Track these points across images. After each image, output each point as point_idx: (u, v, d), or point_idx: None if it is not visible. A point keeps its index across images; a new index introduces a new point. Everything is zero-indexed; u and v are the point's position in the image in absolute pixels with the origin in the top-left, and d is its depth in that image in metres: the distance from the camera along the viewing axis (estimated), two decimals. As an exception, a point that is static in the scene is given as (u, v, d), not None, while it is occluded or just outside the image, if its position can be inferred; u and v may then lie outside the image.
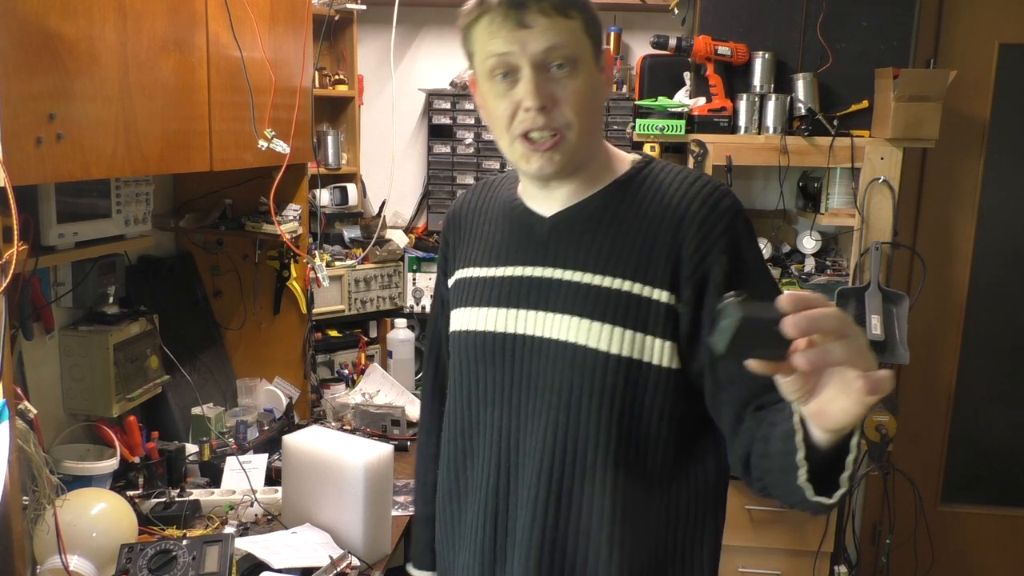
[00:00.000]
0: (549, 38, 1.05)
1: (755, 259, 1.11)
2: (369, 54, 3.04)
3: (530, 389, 1.13)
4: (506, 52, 1.06)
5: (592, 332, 1.08)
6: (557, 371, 1.11)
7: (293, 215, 2.30)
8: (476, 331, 1.19)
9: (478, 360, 1.18)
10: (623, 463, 1.09)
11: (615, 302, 1.08)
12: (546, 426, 1.11)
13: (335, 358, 2.78)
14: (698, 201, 1.10)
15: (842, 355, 0.73)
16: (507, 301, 1.16)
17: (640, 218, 1.11)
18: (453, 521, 1.25)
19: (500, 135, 1.12)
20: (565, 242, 1.14)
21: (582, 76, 1.08)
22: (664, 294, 1.08)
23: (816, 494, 0.90)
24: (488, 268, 1.20)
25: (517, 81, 1.07)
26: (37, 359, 1.78)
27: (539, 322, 1.13)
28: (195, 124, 1.72)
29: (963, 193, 2.92)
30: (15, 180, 1.17)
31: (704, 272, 1.07)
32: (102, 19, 1.39)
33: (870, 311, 2.51)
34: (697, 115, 2.60)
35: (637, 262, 1.09)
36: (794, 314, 0.72)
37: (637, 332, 1.08)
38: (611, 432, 1.09)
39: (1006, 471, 3.05)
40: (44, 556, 1.46)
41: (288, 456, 1.79)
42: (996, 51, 2.81)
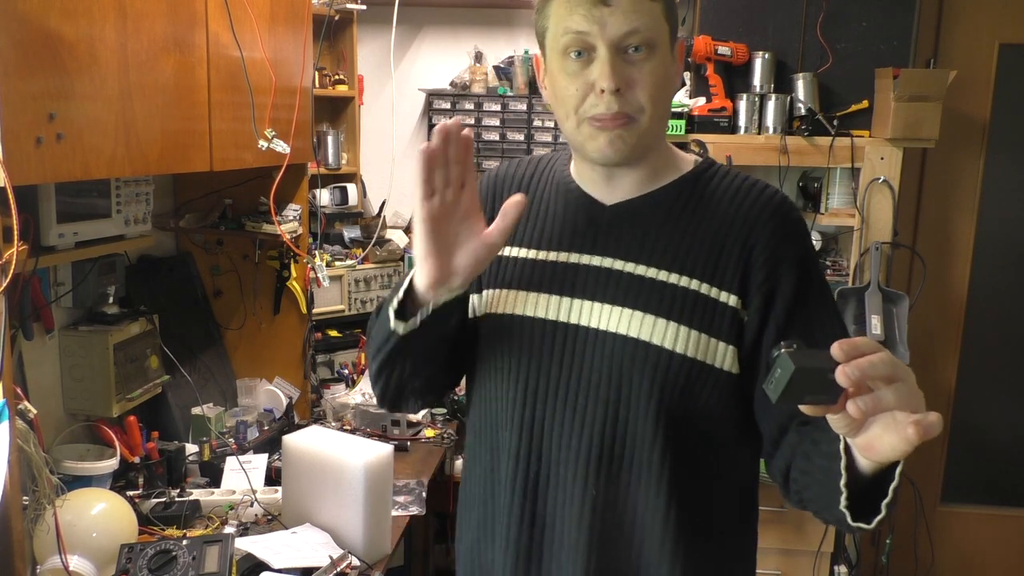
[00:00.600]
0: (630, 20, 1.00)
1: (820, 276, 1.10)
2: (369, 54, 3.04)
3: (580, 382, 1.07)
4: (584, 31, 1.01)
5: (657, 328, 1.04)
6: (614, 365, 1.06)
7: (293, 215, 2.30)
8: (522, 315, 1.11)
9: (521, 347, 1.11)
10: (678, 462, 1.06)
11: (682, 300, 1.05)
12: (599, 421, 1.06)
13: (335, 358, 2.78)
14: (769, 210, 1.07)
15: (894, 401, 0.74)
16: (560, 288, 1.10)
17: (709, 218, 1.08)
18: (481, 518, 1.18)
19: (566, 116, 1.06)
20: (628, 233, 1.09)
21: (659, 60, 1.03)
22: (733, 298, 1.05)
23: (855, 519, 0.89)
24: (537, 250, 1.13)
25: (592, 61, 1.01)
26: (37, 359, 1.78)
27: (595, 313, 1.07)
28: (195, 124, 1.72)
29: (963, 193, 2.92)
30: (15, 180, 1.17)
31: (774, 283, 1.05)
32: (102, 19, 1.39)
33: (870, 311, 2.51)
34: (697, 115, 2.60)
35: (706, 262, 1.05)
36: (846, 363, 0.73)
37: (703, 333, 1.04)
38: (667, 431, 1.05)
39: (1006, 471, 3.05)
40: (44, 556, 1.47)
41: (288, 456, 1.79)
42: (996, 51, 2.81)
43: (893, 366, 0.74)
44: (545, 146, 3.03)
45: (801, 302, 1.05)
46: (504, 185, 1.21)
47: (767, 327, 1.05)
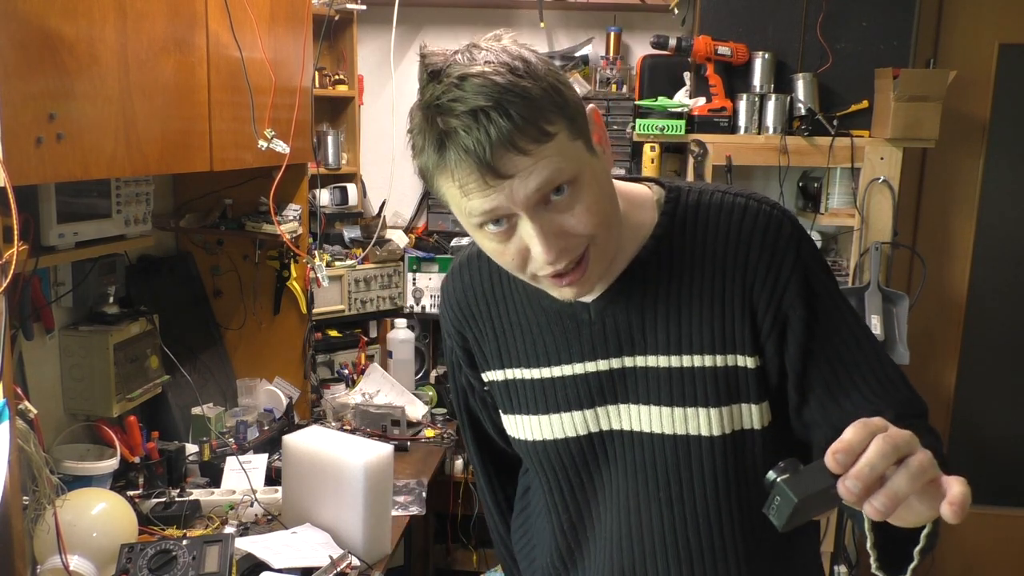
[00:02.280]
0: (539, 178, 0.83)
1: (828, 289, 0.99)
2: (369, 54, 3.04)
3: (640, 485, 1.03)
4: (492, 208, 0.85)
5: (689, 420, 0.98)
6: (661, 466, 1.01)
7: (293, 215, 2.30)
8: (552, 440, 1.05)
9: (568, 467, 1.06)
10: (750, 533, 1.02)
11: (702, 383, 0.98)
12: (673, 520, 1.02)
13: (335, 358, 2.78)
14: (757, 238, 0.96)
15: (907, 488, 0.69)
16: (578, 404, 1.03)
17: (698, 275, 0.98)
18: None
19: (515, 274, 0.94)
20: (625, 326, 1.00)
21: (588, 187, 0.88)
22: (751, 360, 0.98)
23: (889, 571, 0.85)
24: (538, 368, 1.06)
25: (515, 224, 0.87)
26: (37, 359, 1.78)
27: (625, 416, 1.02)
28: (195, 124, 1.72)
29: (963, 193, 2.92)
30: (15, 180, 1.17)
31: (782, 322, 0.97)
32: (102, 19, 1.39)
33: (870, 311, 2.51)
34: (697, 115, 2.60)
35: (712, 331, 0.98)
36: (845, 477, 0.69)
37: (732, 405, 0.98)
38: (732, 508, 1.01)
39: (1006, 471, 3.05)
40: (44, 556, 1.47)
41: (288, 456, 1.79)
42: (996, 51, 2.81)
43: (895, 451, 0.69)
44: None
45: (813, 331, 0.97)
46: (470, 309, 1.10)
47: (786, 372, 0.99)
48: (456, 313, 1.12)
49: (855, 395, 0.97)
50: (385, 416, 2.44)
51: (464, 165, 0.83)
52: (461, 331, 1.12)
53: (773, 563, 1.06)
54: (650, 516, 1.03)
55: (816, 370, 0.98)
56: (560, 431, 1.04)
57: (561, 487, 1.08)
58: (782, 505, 0.73)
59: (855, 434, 0.70)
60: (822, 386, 0.98)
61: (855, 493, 0.68)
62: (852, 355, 0.99)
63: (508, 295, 1.08)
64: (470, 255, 1.12)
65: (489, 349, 1.09)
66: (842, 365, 0.98)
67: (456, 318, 1.12)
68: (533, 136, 0.82)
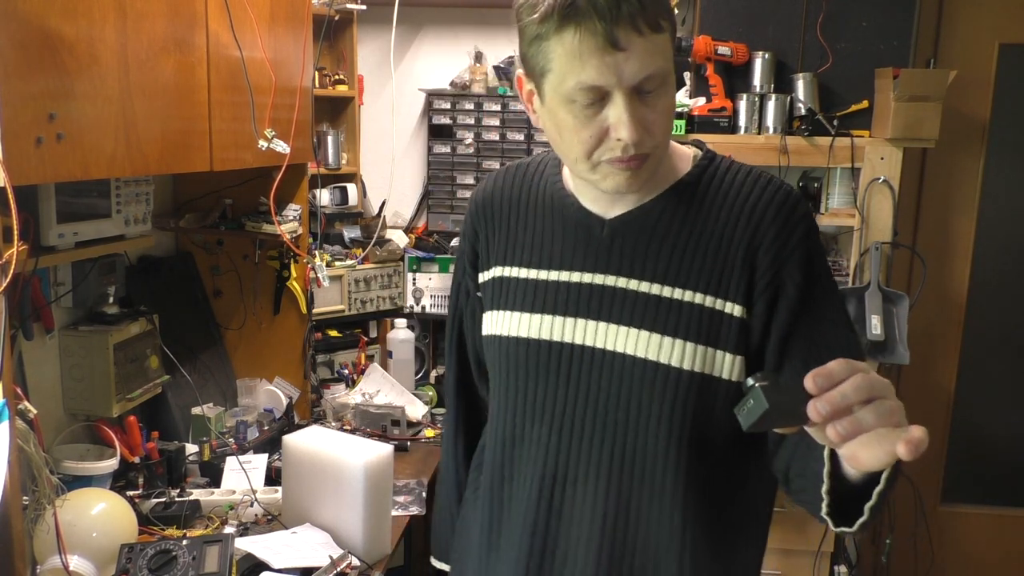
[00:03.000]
0: (645, 62, 0.92)
1: (827, 274, 1.06)
2: (369, 54, 3.04)
3: (588, 405, 1.06)
4: (599, 84, 0.93)
5: (664, 347, 1.02)
6: (626, 387, 1.04)
7: (293, 215, 2.30)
8: (525, 338, 1.10)
9: (528, 369, 1.10)
10: (694, 480, 1.05)
11: (688, 316, 1.02)
12: (611, 444, 1.05)
13: (335, 358, 2.78)
14: (773, 208, 1.03)
15: (872, 421, 0.73)
16: (563, 309, 1.08)
17: (711, 224, 1.04)
18: (491, 531, 1.18)
19: (576, 159, 1.00)
20: (631, 249, 1.05)
21: (670, 92, 0.98)
22: (738, 308, 1.02)
23: (838, 524, 0.90)
24: (537, 270, 1.11)
25: (605, 106, 0.95)
26: (37, 359, 1.78)
27: (601, 333, 1.05)
28: (195, 124, 1.72)
29: (963, 193, 2.92)
30: (15, 180, 1.16)
31: (778, 285, 1.02)
32: (102, 19, 1.39)
33: (870, 311, 2.51)
34: (697, 115, 2.60)
35: (711, 273, 1.03)
36: (817, 397, 0.73)
37: (709, 347, 1.02)
38: (681, 451, 1.04)
39: (1006, 471, 3.05)
40: (44, 556, 1.47)
41: (288, 456, 1.79)
42: (996, 51, 2.81)
43: (869, 388, 0.74)
44: (545, 146, 3.03)
45: (807, 304, 1.02)
46: (491, 207, 1.19)
47: (770, 335, 1.03)
48: (478, 209, 1.20)
49: None
50: (385, 416, 2.44)
51: (589, 28, 0.90)
52: (476, 227, 1.20)
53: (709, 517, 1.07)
54: (594, 432, 1.06)
55: (799, 341, 1.02)
56: (535, 331, 1.09)
57: (513, 391, 1.12)
58: (753, 408, 0.77)
59: (838, 365, 0.75)
60: (800, 359, 1.02)
61: (822, 414, 0.73)
62: (836, 341, 1.03)
63: (532, 202, 1.15)
64: (508, 168, 1.22)
65: (496, 247, 1.16)
66: (825, 346, 1.02)
67: (476, 214, 1.20)
68: (652, 23, 0.91)
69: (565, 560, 1.09)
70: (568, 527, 1.08)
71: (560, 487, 1.08)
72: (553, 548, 1.09)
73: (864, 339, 2.49)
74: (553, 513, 1.09)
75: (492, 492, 1.17)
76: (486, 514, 1.19)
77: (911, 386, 2.99)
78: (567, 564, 1.09)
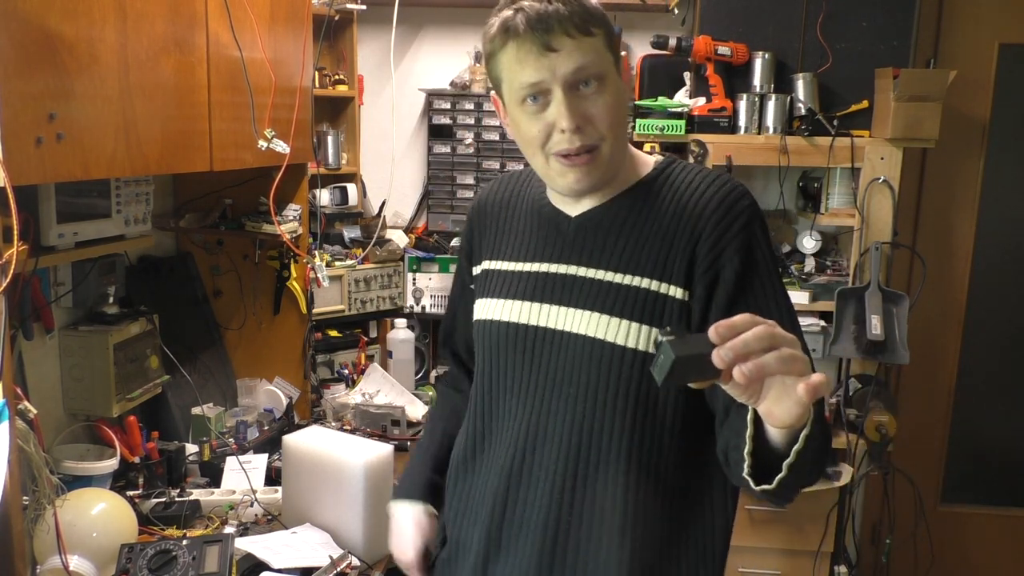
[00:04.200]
0: (576, 59, 1.08)
1: (767, 261, 1.14)
2: (369, 54, 3.04)
3: (552, 380, 1.18)
4: (536, 80, 1.09)
5: (610, 327, 1.13)
6: (577, 364, 1.15)
7: (293, 215, 2.30)
8: (501, 321, 1.23)
9: (501, 349, 1.23)
10: (637, 454, 1.14)
11: (632, 299, 1.13)
12: (569, 416, 1.16)
13: (335, 358, 2.78)
14: (716, 200, 1.13)
15: (775, 365, 0.80)
16: (532, 295, 1.21)
17: (660, 218, 1.15)
18: (462, 494, 1.29)
19: (533, 154, 1.15)
20: (590, 241, 1.19)
21: (610, 90, 1.11)
22: (679, 291, 1.12)
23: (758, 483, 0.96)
24: (515, 262, 1.25)
25: (549, 103, 1.10)
26: (37, 359, 1.78)
27: (561, 316, 1.18)
28: (195, 124, 1.72)
29: (963, 193, 2.92)
30: (15, 180, 1.17)
31: (716, 270, 1.11)
32: (102, 19, 1.39)
33: (870, 311, 2.51)
34: (697, 115, 2.60)
35: (656, 260, 1.13)
36: (720, 346, 0.80)
37: (652, 327, 1.12)
38: (626, 423, 1.14)
39: (1006, 471, 3.05)
40: (44, 556, 1.47)
41: (288, 456, 1.79)
42: (996, 51, 2.81)
43: (770, 338, 0.80)
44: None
45: (744, 288, 1.10)
46: (486, 209, 1.35)
47: (710, 317, 1.10)
48: (475, 211, 1.37)
49: None
50: (385, 416, 2.44)
51: (525, 39, 1.08)
52: (472, 225, 1.36)
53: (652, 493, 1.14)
54: (555, 408, 1.17)
55: None
56: (508, 314, 1.23)
57: (489, 367, 1.25)
58: (663, 362, 0.81)
59: (742, 318, 0.81)
60: None
61: (726, 361, 0.79)
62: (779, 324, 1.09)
63: (518, 205, 1.31)
64: (505, 175, 1.39)
65: (488, 242, 1.32)
66: None
67: (475, 212, 1.37)
68: (581, 27, 1.08)
69: (522, 525, 1.19)
70: (527, 493, 1.19)
71: (524, 456, 1.19)
72: (513, 511, 1.20)
73: (864, 339, 2.50)
74: (513, 480, 1.20)
75: (466, 463, 1.29)
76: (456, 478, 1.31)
77: (911, 386, 2.99)
78: (523, 528, 1.19)
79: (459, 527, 1.29)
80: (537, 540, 1.17)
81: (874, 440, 2.51)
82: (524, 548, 1.18)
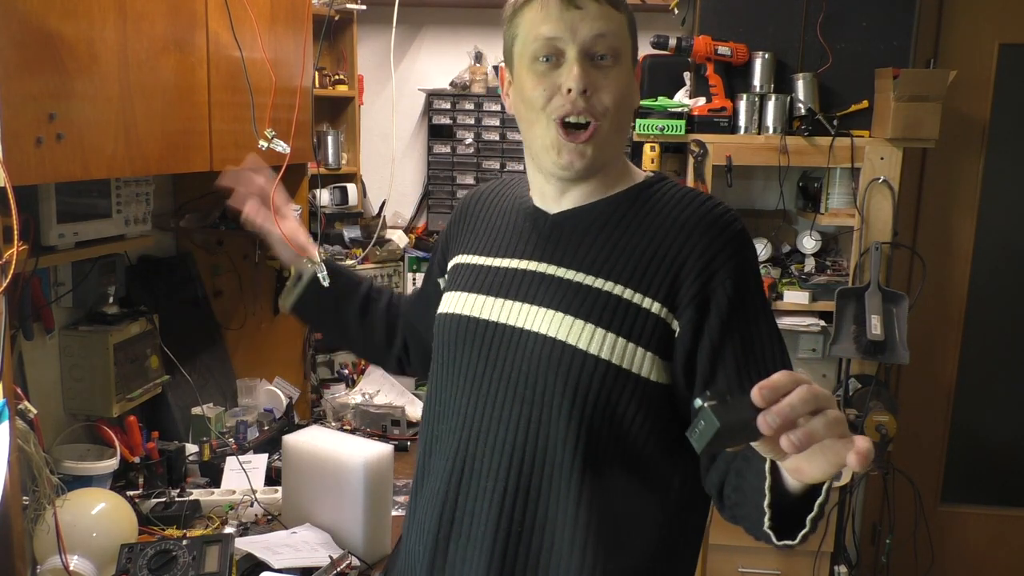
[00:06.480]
0: (599, 25, 1.06)
1: (759, 288, 1.09)
2: (369, 54, 3.04)
3: (501, 379, 1.10)
4: (555, 36, 1.06)
5: (574, 329, 1.06)
6: (533, 364, 1.08)
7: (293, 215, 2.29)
8: (454, 314, 1.18)
9: (455, 343, 1.17)
10: (593, 465, 1.06)
11: (604, 304, 1.06)
12: (516, 418, 1.08)
13: (335, 358, 2.78)
14: (707, 221, 1.08)
15: (823, 432, 0.75)
16: (496, 290, 1.15)
17: (644, 227, 1.10)
18: (414, 503, 1.23)
19: (534, 119, 1.10)
20: (565, 240, 1.13)
21: (623, 70, 1.09)
22: (656, 305, 1.05)
23: (780, 537, 0.92)
24: (487, 257, 1.20)
25: (560, 65, 1.07)
26: (37, 359, 1.78)
27: (521, 313, 1.11)
28: (195, 124, 1.72)
29: (963, 193, 2.92)
30: (15, 180, 1.16)
31: (707, 295, 1.05)
32: (102, 19, 1.39)
33: (870, 311, 2.51)
34: (697, 115, 2.60)
35: (634, 269, 1.07)
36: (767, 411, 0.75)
37: (623, 338, 1.05)
38: (582, 433, 1.05)
39: (1006, 471, 3.05)
40: (44, 556, 1.47)
41: (288, 456, 1.79)
42: (996, 51, 2.81)
43: (814, 400, 0.75)
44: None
45: (737, 316, 1.04)
46: (470, 205, 1.32)
47: (701, 341, 1.04)
48: (460, 207, 1.34)
49: None
50: (385, 416, 2.44)
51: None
52: (453, 222, 1.33)
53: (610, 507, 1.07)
54: (503, 409, 1.10)
55: (731, 347, 1.04)
56: (469, 308, 1.17)
57: (441, 362, 1.19)
58: (705, 429, 0.76)
59: (782, 377, 0.76)
60: (733, 365, 1.04)
61: (773, 427, 0.74)
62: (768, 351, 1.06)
63: (499, 205, 1.27)
64: (496, 180, 1.36)
65: (463, 238, 1.27)
66: (758, 355, 1.04)
67: (458, 211, 1.33)
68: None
69: (469, 538, 1.11)
70: (473, 501, 1.11)
71: (466, 461, 1.12)
72: (451, 519, 1.13)
73: (864, 339, 2.50)
74: (455, 485, 1.13)
75: (421, 464, 1.23)
76: (413, 485, 1.24)
77: (911, 386, 2.99)
78: (470, 538, 1.11)
79: (410, 538, 1.22)
80: (485, 554, 1.08)
81: (874, 440, 2.50)
82: (472, 562, 1.10)
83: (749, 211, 2.83)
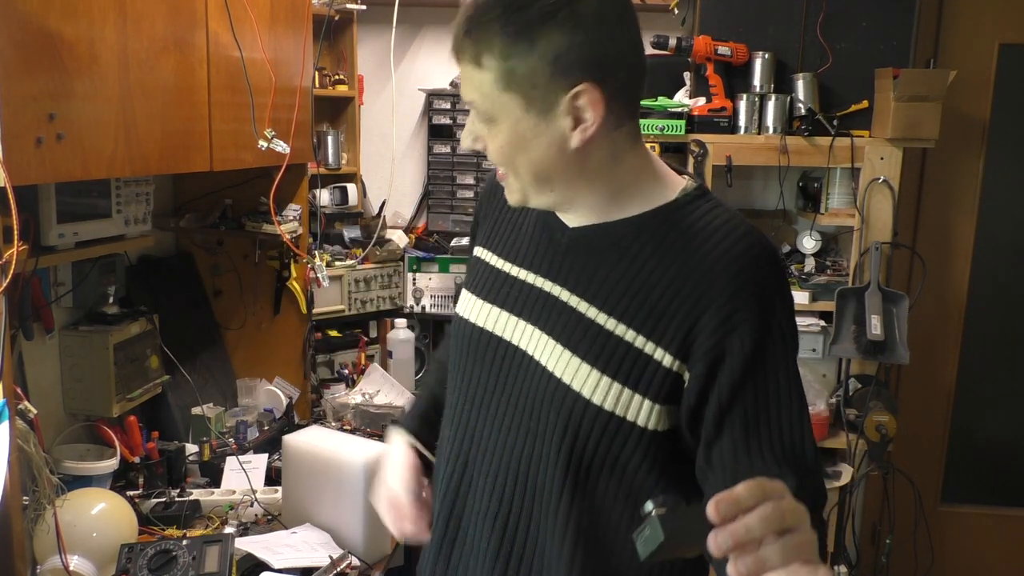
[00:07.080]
0: (465, 91, 0.99)
1: (783, 340, 0.97)
2: (369, 54, 3.04)
3: (504, 399, 1.07)
4: None
5: (579, 374, 1.00)
6: (533, 395, 1.04)
7: (293, 215, 2.30)
8: (472, 322, 1.14)
9: (470, 353, 1.13)
10: (585, 510, 1.02)
11: (613, 350, 0.98)
12: (513, 443, 1.06)
13: (335, 358, 2.78)
14: (738, 265, 0.96)
15: (778, 561, 0.68)
16: (510, 305, 1.09)
17: (668, 261, 0.99)
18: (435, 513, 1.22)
19: None
20: (581, 263, 1.04)
21: (503, 133, 0.97)
22: (668, 357, 0.97)
23: None
24: (505, 262, 1.14)
25: None
26: (37, 359, 1.78)
27: (532, 338, 1.05)
28: (195, 124, 1.72)
29: (963, 193, 2.91)
30: (15, 180, 1.17)
31: (722, 351, 0.94)
32: (102, 19, 1.39)
33: (870, 311, 2.51)
34: (697, 115, 2.60)
35: (649, 312, 0.97)
36: (720, 529, 0.68)
37: (627, 388, 0.98)
38: (570, 473, 1.01)
39: (1006, 471, 3.05)
40: (44, 556, 1.47)
41: (288, 456, 1.79)
42: (996, 51, 2.81)
43: (779, 520, 0.69)
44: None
45: (753, 372, 0.95)
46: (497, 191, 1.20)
47: (709, 399, 0.96)
48: (488, 189, 1.24)
49: (767, 455, 0.95)
50: (385, 416, 2.44)
51: None
52: (482, 202, 1.25)
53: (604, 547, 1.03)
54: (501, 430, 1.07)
55: (741, 410, 0.95)
56: (482, 320, 1.12)
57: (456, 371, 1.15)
58: (650, 538, 0.71)
59: (747, 490, 0.69)
60: (741, 429, 0.96)
61: (722, 549, 0.68)
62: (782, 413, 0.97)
63: None
64: None
65: (487, 227, 1.20)
66: (767, 421, 0.96)
67: (486, 193, 1.25)
68: (471, 57, 0.95)
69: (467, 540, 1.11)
70: (472, 513, 1.10)
71: (468, 476, 1.11)
72: (457, 527, 1.12)
73: (864, 339, 2.50)
74: (461, 495, 1.12)
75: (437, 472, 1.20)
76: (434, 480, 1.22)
77: (911, 386, 2.99)
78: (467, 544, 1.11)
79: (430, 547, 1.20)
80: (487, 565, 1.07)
81: (874, 440, 2.51)
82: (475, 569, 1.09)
83: (749, 211, 2.83)
